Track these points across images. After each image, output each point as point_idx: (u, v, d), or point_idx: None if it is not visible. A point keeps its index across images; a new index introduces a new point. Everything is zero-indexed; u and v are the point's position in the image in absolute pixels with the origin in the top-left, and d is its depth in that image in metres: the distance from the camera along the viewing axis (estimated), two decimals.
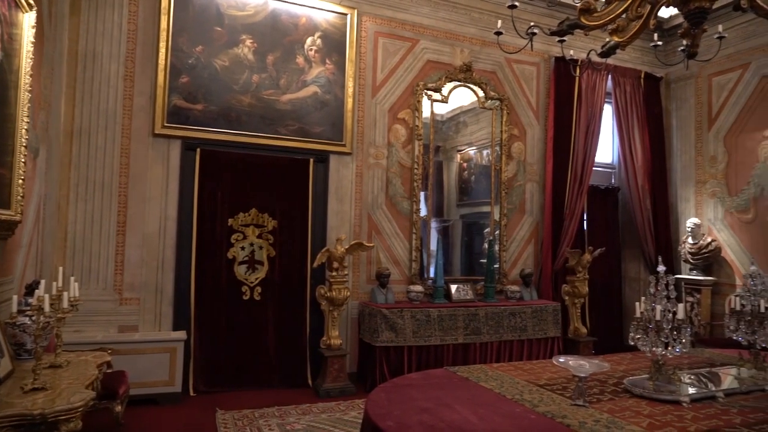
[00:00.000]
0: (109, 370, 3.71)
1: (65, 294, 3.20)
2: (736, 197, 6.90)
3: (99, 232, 4.93)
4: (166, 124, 5.13)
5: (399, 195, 6.14)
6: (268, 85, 5.52)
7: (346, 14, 5.86)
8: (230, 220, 5.42)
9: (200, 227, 5.28)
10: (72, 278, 3.62)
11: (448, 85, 6.38)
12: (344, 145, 5.84)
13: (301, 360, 5.55)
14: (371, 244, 5.69)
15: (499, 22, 3.86)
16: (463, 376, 3.20)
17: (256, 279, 5.49)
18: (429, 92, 6.27)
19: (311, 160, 5.74)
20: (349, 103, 5.84)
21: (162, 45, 5.11)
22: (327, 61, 5.78)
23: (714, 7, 3.02)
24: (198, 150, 5.29)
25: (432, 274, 6.13)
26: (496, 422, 2.39)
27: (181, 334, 4.95)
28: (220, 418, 4.38)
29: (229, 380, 5.24)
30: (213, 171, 5.35)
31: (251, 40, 5.45)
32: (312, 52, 5.72)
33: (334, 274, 5.30)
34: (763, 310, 3.29)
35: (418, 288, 5.91)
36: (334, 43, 5.82)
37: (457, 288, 6.05)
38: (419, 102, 6.20)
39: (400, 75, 6.19)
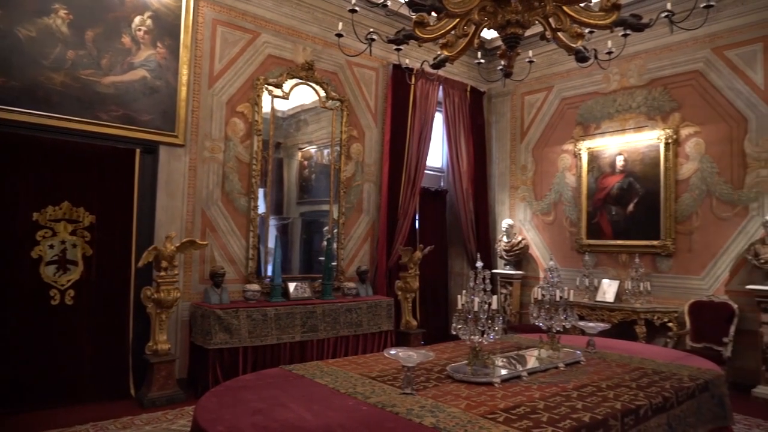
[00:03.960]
0: None
1: None
2: (541, 201, 7.94)
3: None
4: None
5: (236, 191, 5.92)
6: (86, 63, 4.93)
7: None
8: (36, 215, 4.72)
9: None
10: None
11: (290, 82, 6.33)
12: (176, 137, 5.45)
13: (122, 369, 5.05)
14: (205, 242, 5.40)
15: (341, 24, 3.93)
16: (298, 374, 3.20)
17: (69, 281, 4.87)
18: (270, 87, 6.14)
19: (138, 150, 5.26)
20: (182, 91, 5.47)
21: None
22: (158, 44, 5.35)
23: (525, 34, 3.45)
24: None
25: (270, 273, 6.03)
26: (329, 416, 2.43)
27: None
28: None
29: (34, 399, 4.55)
30: (13, 157, 4.61)
31: (66, 11, 4.81)
32: (141, 33, 5.25)
33: (162, 274, 4.93)
34: (558, 299, 3.83)
35: (255, 287, 5.76)
36: (166, 26, 5.40)
37: (296, 286, 6.03)
38: (259, 96, 6.04)
39: (239, 67, 5.96)
